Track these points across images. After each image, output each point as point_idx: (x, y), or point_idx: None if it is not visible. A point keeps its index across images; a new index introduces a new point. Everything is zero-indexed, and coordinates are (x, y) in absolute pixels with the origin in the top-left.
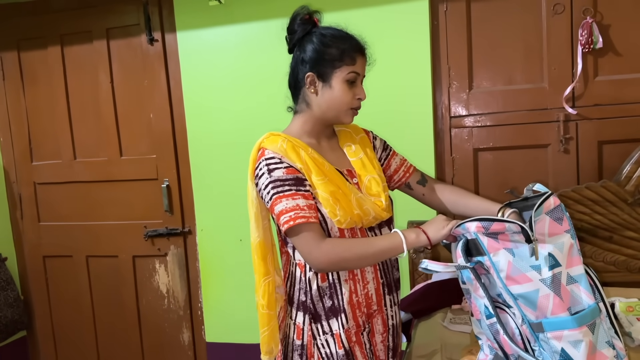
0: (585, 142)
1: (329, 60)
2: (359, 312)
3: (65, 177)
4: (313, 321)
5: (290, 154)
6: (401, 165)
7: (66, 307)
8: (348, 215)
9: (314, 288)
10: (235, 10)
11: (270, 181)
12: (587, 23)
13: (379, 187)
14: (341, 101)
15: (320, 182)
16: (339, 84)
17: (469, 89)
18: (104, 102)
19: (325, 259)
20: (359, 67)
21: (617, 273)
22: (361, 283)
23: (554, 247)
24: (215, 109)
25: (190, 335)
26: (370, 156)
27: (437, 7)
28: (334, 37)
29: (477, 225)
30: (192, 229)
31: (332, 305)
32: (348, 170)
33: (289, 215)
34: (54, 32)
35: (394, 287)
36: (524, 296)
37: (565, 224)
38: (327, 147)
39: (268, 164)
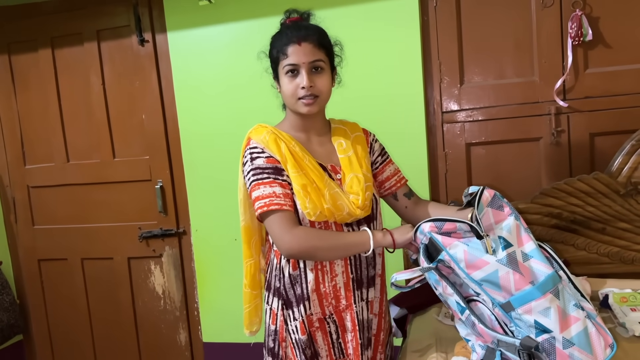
0: (576, 135)
1: (273, 61)
2: (326, 303)
3: (58, 180)
4: (285, 307)
5: (271, 145)
6: (394, 174)
7: (62, 310)
8: (317, 209)
9: (286, 275)
10: (226, 10)
11: (252, 168)
12: (577, 16)
13: (359, 185)
14: (287, 94)
15: (294, 174)
16: (283, 79)
17: (460, 84)
18: (96, 104)
19: (296, 245)
20: (293, 57)
21: (611, 264)
22: (329, 275)
23: (503, 230)
24: (208, 109)
25: (187, 336)
26: (360, 155)
27: (426, 3)
28: (274, 37)
29: (431, 225)
30: (187, 229)
31: (301, 293)
32: (332, 165)
33: (263, 201)
34: (45, 35)
35: (364, 284)
36: (486, 280)
37: (507, 209)
38: (317, 141)
39: (251, 152)
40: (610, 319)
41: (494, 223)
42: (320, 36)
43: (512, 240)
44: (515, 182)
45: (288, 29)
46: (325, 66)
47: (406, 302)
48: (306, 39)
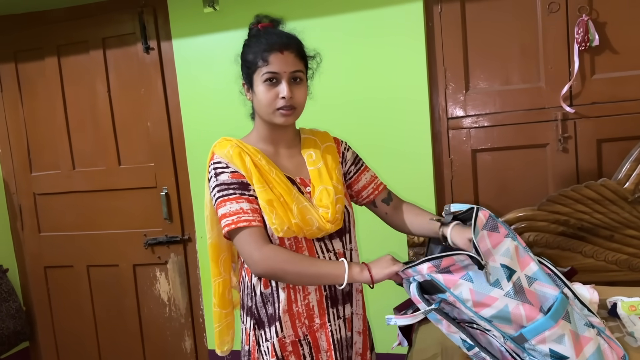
0: (583, 141)
1: (248, 66)
2: (299, 323)
3: (64, 187)
4: (257, 327)
5: (235, 159)
6: (371, 182)
7: (68, 317)
8: (285, 225)
9: (257, 294)
10: (230, 17)
11: (217, 184)
12: (583, 21)
13: (329, 198)
14: (263, 103)
15: (259, 189)
16: (259, 87)
17: (466, 90)
18: (102, 112)
19: (264, 265)
20: (275, 65)
21: (620, 272)
22: (301, 293)
23: (503, 257)
24: (212, 116)
25: (192, 343)
26: (331, 166)
27: (431, 9)
28: (250, 41)
29: (429, 267)
30: (192, 236)
31: (273, 313)
32: (301, 178)
33: (231, 218)
34: (51, 43)
35: (339, 300)
36: (496, 316)
37: (502, 230)
38: (285, 154)
39: (215, 167)
40: (619, 328)
41: (491, 247)
42: (301, 46)
43: (514, 266)
44: (522, 189)
45: (267, 34)
46: (304, 77)
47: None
48: (288, 48)
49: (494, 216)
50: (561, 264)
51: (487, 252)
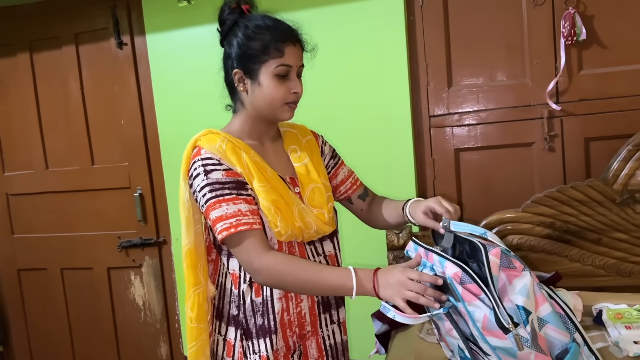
0: (571, 140)
1: (254, 55)
2: (290, 332)
3: (37, 188)
4: (245, 338)
5: (229, 155)
6: (349, 177)
7: (42, 321)
8: (289, 228)
9: (247, 302)
10: (206, 11)
11: (208, 183)
12: (570, 14)
13: (322, 197)
14: (272, 98)
15: (262, 189)
16: (268, 80)
17: (448, 87)
18: (75, 109)
19: (265, 274)
20: (290, 58)
21: (607, 277)
22: (294, 301)
23: (519, 295)
24: (188, 113)
25: (168, 349)
26: (316, 162)
27: (412, 2)
28: (257, 27)
29: (456, 273)
30: (167, 238)
31: (263, 324)
32: (291, 177)
33: (229, 222)
34: (23, 39)
35: (333, 305)
36: (503, 349)
37: (518, 264)
38: (271, 150)
39: (205, 164)
40: (603, 337)
41: (507, 282)
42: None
43: (530, 307)
44: (506, 190)
45: (276, 22)
46: None
47: (388, 318)
48: (299, 41)
49: (505, 251)
50: (547, 268)
51: (502, 288)
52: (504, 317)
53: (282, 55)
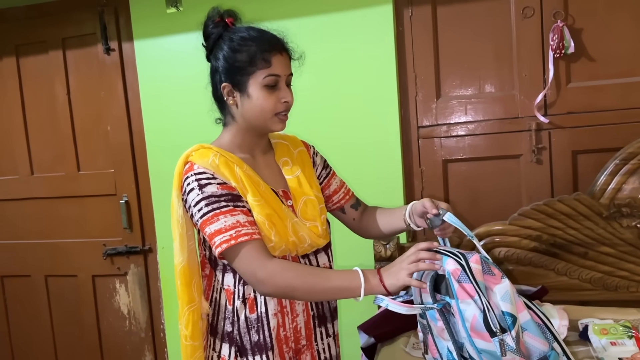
0: (558, 152)
1: (241, 67)
2: (286, 348)
3: (22, 194)
4: (239, 355)
5: (223, 170)
6: (341, 187)
7: (26, 329)
8: (283, 242)
9: (241, 319)
10: (194, 18)
11: (203, 197)
12: (558, 27)
13: (315, 210)
14: (262, 109)
15: (256, 203)
16: (257, 91)
17: (437, 98)
18: (61, 115)
19: (272, 283)
20: (277, 67)
21: (593, 291)
22: (290, 316)
23: (504, 302)
24: (175, 120)
25: (152, 358)
26: (309, 174)
27: (402, 13)
28: (242, 39)
29: (455, 269)
30: (153, 246)
31: (258, 341)
32: (283, 191)
33: (229, 234)
34: (9, 43)
35: (328, 318)
36: (488, 352)
37: (497, 271)
38: (263, 163)
39: (199, 179)
40: (589, 352)
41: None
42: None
43: (514, 311)
44: (494, 202)
45: (260, 32)
46: None
47: (374, 330)
48: (286, 49)
49: (484, 258)
50: (533, 281)
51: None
52: (494, 321)
53: (269, 65)
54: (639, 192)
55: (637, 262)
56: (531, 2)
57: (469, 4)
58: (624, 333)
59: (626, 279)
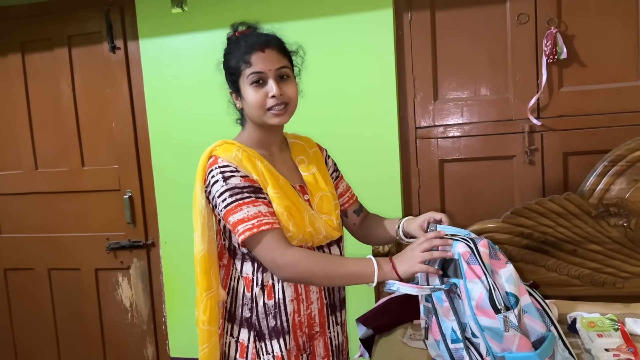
0: (550, 154)
1: (233, 73)
2: (300, 332)
3: (26, 188)
4: (258, 339)
5: (245, 164)
6: (347, 191)
7: (28, 321)
8: (300, 233)
9: (260, 305)
10: (198, 18)
11: (227, 189)
12: (552, 33)
13: (330, 205)
14: (253, 106)
15: (276, 195)
16: (247, 91)
17: (434, 100)
18: (66, 111)
19: (291, 269)
20: (259, 65)
21: (582, 287)
22: (305, 303)
23: (508, 284)
24: (179, 118)
25: (154, 350)
26: (323, 173)
27: (401, 17)
28: (230, 48)
29: (465, 252)
30: (156, 241)
31: (276, 326)
32: (300, 186)
33: (251, 222)
34: (14, 40)
35: (338, 307)
36: (491, 329)
37: (502, 256)
38: (280, 159)
39: (223, 171)
40: (577, 344)
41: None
42: (281, 42)
43: (517, 293)
44: (487, 201)
45: (245, 37)
46: (291, 73)
47: (373, 322)
48: (269, 45)
49: (491, 243)
50: (525, 277)
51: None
52: (499, 300)
53: (250, 65)
54: (626, 193)
55: (623, 260)
56: (526, 9)
57: (466, 10)
58: (610, 326)
59: (613, 276)
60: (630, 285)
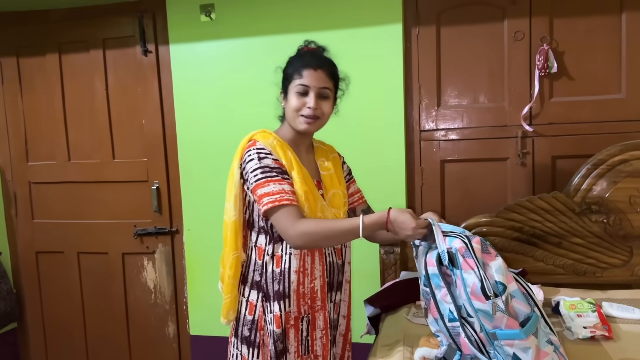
0: (540, 157)
1: (286, 78)
2: (303, 302)
3: (59, 178)
4: (264, 300)
5: (278, 150)
6: (357, 192)
7: (57, 301)
8: (312, 215)
9: (269, 271)
10: (225, 27)
11: (260, 167)
12: (544, 50)
13: (340, 201)
14: (291, 109)
15: (298, 179)
16: (292, 96)
17: (438, 106)
18: (99, 108)
19: (299, 236)
20: (307, 79)
21: (565, 275)
22: (309, 277)
23: (497, 274)
24: (204, 117)
25: (175, 329)
26: (339, 175)
27: (409, 31)
28: (291, 59)
29: (461, 247)
30: (180, 228)
31: (279, 290)
32: (317, 181)
33: (274, 197)
34: (53, 41)
35: (334, 288)
36: (483, 311)
37: (492, 250)
38: (305, 158)
39: (258, 152)
40: (560, 324)
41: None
42: (333, 68)
43: (505, 281)
44: (483, 198)
45: (306, 54)
46: (331, 95)
47: (379, 302)
48: (322, 67)
49: (483, 240)
50: (515, 265)
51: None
52: (489, 288)
53: (301, 77)
54: (606, 193)
55: (602, 252)
56: (522, 27)
57: (468, 27)
58: (589, 308)
59: (593, 266)
60: (608, 274)
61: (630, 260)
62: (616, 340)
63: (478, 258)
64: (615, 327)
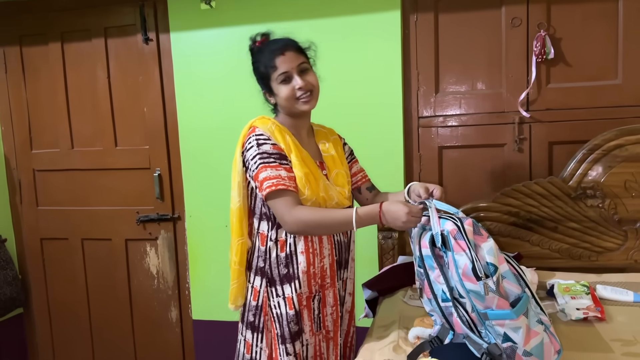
0: (537, 143)
1: (263, 77)
2: (314, 282)
3: (62, 165)
4: (269, 285)
5: (277, 135)
6: (360, 171)
7: (61, 286)
8: (314, 196)
9: (272, 256)
10: (225, 15)
11: (258, 153)
12: (541, 36)
13: (344, 180)
14: (285, 98)
15: (297, 162)
16: (278, 88)
17: (436, 93)
18: (101, 96)
19: (294, 223)
20: (283, 65)
21: (561, 259)
22: (318, 257)
23: (488, 255)
24: (205, 105)
25: (177, 313)
26: (340, 155)
27: (408, 18)
28: (254, 58)
29: (453, 229)
30: (182, 215)
31: (287, 273)
32: (320, 162)
33: (272, 181)
34: (55, 30)
35: (342, 265)
36: (474, 292)
37: (484, 232)
38: (306, 140)
39: (257, 139)
40: (554, 306)
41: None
42: (295, 43)
43: (497, 262)
44: (480, 183)
45: (265, 47)
46: (309, 66)
47: (377, 286)
48: (287, 49)
49: (475, 222)
50: (511, 249)
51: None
52: (480, 269)
53: (276, 68)
54: (601, 178)
55: (597, 236)
56: (519, 13)
57: (466, 14)
58: (582, 290)
59: (588, 250)
60: (603, 258)
61: (625, 244)
62: (608, 322)
63: (470, 240)
64: (608, 309)
